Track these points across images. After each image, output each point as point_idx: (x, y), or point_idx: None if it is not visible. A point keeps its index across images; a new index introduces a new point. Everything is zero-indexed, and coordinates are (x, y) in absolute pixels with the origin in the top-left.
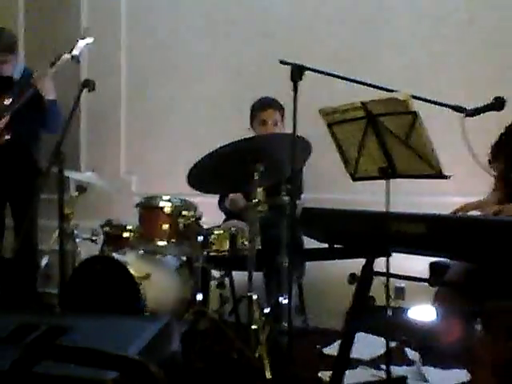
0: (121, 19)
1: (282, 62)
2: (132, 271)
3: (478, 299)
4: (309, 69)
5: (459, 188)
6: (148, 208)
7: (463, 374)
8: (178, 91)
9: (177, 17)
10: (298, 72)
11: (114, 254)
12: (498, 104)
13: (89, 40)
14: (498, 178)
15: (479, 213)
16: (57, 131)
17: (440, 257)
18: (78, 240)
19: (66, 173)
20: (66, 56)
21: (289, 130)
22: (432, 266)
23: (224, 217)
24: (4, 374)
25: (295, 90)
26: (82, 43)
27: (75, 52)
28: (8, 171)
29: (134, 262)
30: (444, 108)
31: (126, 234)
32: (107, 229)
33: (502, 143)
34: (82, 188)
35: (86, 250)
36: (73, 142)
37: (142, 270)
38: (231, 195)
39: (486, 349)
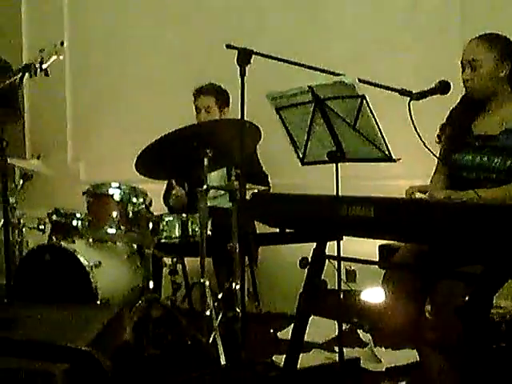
0: (62, 4)
1: (228, 47)
2: (82, 260)
3: (427, 280)
4: (255, 53)
5: (407, 171)
6: (97, 195)
7: (414, 354)
8: (124, 76)
9: (120, 1)
10: (244, 56)
11: (62, 243)
12: (442, 87)
13: (61, 57)
14: (439, 160)
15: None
16: None
17: (388, 239)
18: (24, 229)
19: (10, 160)
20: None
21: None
22: (381, 248)
23: None
24: None
25: (242, 74)
26: (53, 59)
27: (45, 66)
28: None
29: (83, 251)
30: (391, 92)
31: (74, 223)
32: (55, 217)
33: (445, 126)
34: (27, 176)
35: (34, 239)
36: (17, 128)
37: (92, 259)
38: (173, 191)
39: (435, 329)
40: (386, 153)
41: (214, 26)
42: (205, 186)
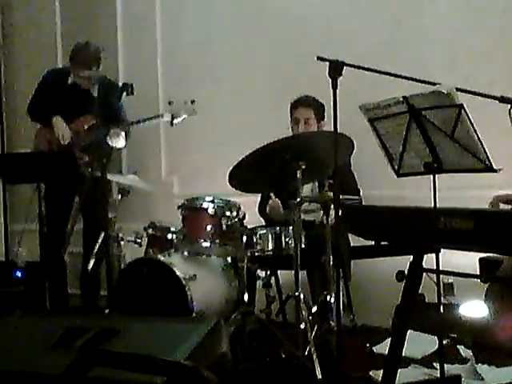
0: (156, 20)
1: (319, 59)
2: (178, 273)
3: None
4: (347, 65)
5: (507, 181)
6: (191, 209)
7: None
8: (216, 91)
9: (212, 16)
10: (336, 68)
11: (159, 256)
12: None
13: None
14: None
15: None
16: None
17: (489, 252)
18: (122, 243)
19: (109, 176)
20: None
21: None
22: (482, 261)
23: None
24: (58, 378)
25: (334, 86)
26: (183, 117)
27: (176, 122)
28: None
29: (179, 264)
30: (489, 100)
31: (169, 236)
32: (151, 231)
33: None
34: (125, 191)
35: (131, 252)
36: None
37: (187, 272)
38: (270, 202)
39: None
40: (487, 163)
41: (304, 37)
42: (298, 199)
